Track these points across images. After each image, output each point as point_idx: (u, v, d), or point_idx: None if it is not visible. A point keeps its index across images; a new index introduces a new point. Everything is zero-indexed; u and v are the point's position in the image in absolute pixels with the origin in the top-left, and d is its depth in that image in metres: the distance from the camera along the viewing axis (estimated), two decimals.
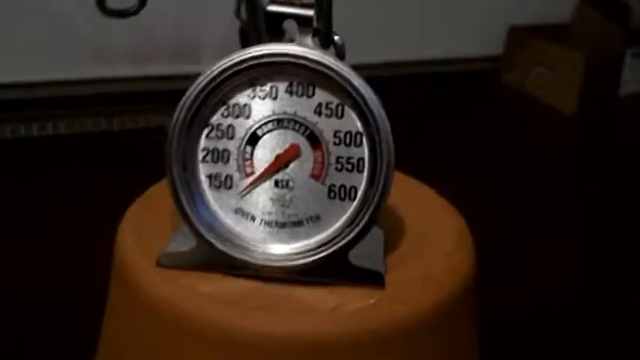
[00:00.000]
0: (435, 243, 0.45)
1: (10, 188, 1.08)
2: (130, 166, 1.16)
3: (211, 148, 0.42)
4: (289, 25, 0.42)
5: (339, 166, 0.41)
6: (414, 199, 0.50)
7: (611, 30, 1.74)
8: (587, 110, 1.64)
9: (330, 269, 0.41)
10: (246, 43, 0.47)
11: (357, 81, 0.40)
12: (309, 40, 0.40)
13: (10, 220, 0.99)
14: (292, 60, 0.40)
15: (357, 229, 0.40)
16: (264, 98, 0.41)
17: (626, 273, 0.99)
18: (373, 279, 0.41)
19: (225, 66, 0.40)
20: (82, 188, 1.09)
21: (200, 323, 0.38)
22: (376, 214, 0.40)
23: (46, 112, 1.36)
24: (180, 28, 1.44)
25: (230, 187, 0.42)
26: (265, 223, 0.42)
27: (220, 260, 0.41)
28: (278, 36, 0.45)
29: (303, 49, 0.40)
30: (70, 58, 1.40)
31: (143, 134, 1.35)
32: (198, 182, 0.42)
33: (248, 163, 0.41)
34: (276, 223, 0.42)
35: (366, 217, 0.40)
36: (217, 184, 0.42)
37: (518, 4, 1.77)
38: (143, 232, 0.45)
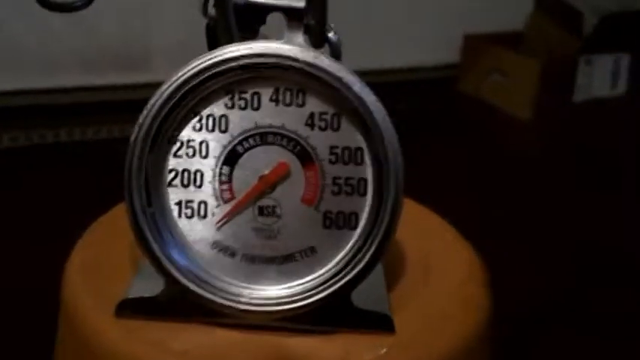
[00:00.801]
0: (443, 273, 0.39)
1: None
2: (81, 181, 1.10)
3: (181, 170, 0.34)
4: (272, 20, 0.35)
5: (337, 189, 0.34)
6: (410, 222, 0.44)
7: (564, 37, 1.76)
8: (542, 116, 1.64)
9: (330, 314, 0.34)
10: (214, 44, 0.40)
11: (357, 86, 0.33)
12: (299, 37, 0.34)
13: None
14: (279, 61, 0.33)
15: (360, 265, 0.33)
16: (244, 108, 0.34)
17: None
18: (381, 323, 0.34)
19: (197, 69, 0.33)
20: (32, 207, 1.02)
21: None
22: (383, 247, 0.34)
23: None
24: (128, 33, 1.35)
25: (204, 217, 0.34)
26: (248, 258, 0.34)
27: (195, 306, 0.33)
28: (251, 34, 0.38)
29: (291, 47, 0.33)
30: (10, 69, 1.31)
31: (92, 146, 1.28)
32: (165, 211, 0.34)
33: (226, 186, 0.34)
34: (262, 258, 0.34)
35: (371, 250, 0.33)
36: (189, 212, 0.34)
37: (473, 13, 1.77)
38: (97, 270, 0.37)
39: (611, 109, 1.75)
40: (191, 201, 0.34)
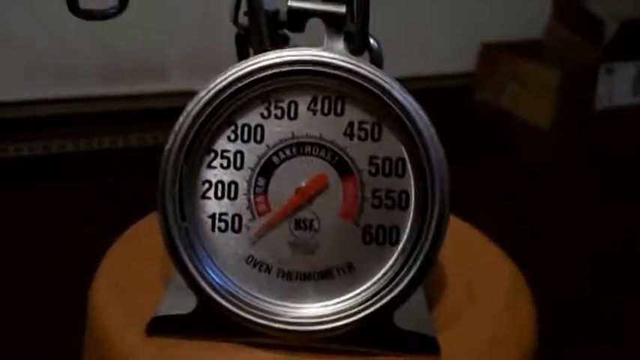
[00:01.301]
0: (487, 294, 0.37)
1: None
2: (102, 194, 1.09)
3: (215, 181, 0.33)
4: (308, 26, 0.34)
5: (377, 202, 0.32)
6: (450, 237, 0.42)
7: (584, 45, 1.73)
8: (562, 125, 1.61)
9: (371, 335, 0.32)
10: (244, 54, 0.38)
11: (399, 93, 0.31)
12: (339, 43, 0.32)
13: None
14: (317, 68, 0.32)
15: (403, 283, 0.32)
16: (280, 117, 0.33)
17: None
18: (426, 345, 0.32)
19: (233, 78, 0.32)
20: (49, 217, 1.01)
21: None
22: (428, 264, 0.32)
23: (8, 134, 1.28)
24: (145, 43, 1.35)
25: (239, 230, 0.33)
26: (284, 274, 0.33)
27: (229, 325, 0.32)
28: (283, 43, 0.37)
29: (331, 54, 0.31)
30: (28, 78, 1.31)
31: (112, 155, 1.27)
32: (198, 224, 0.33)
33: (261, 199, 0.33)
34: (298, 274, 0.33)
35: (415, 268, 0.32)
36: (223, 226, 0.33)
37: (491, 21, 1.75)
38: (126, 286, 0.36)
39: (633, 118, 1.72)
40: (225, 214, 0.33)
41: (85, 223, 0.94)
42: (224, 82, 0.31)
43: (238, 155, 0.33)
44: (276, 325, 0.32)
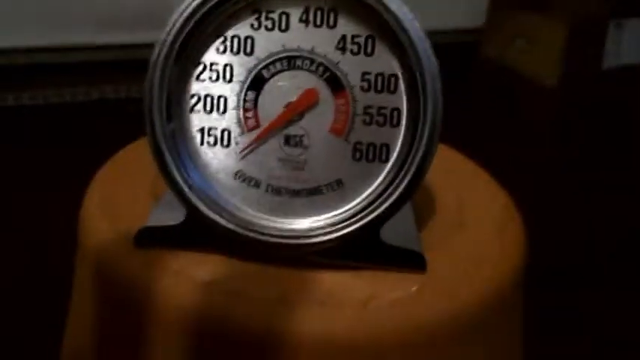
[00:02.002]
0: (478, 218, 0.37)
1: None
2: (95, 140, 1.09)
3: (203, 94, 0.32)
4: None
5: (368, 119, 0.32)
6: (444, 166, 0.41)
7: (593, 1, 1.70)
8: (568, 83, 1.59)
9: (358, 249, 0.32)
10: None
11: (395, 4, 0.31)
12: None
13: None
14: None
15: (390, 200, 0.31)
16: (271, 29, 0.32)
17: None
18: (412, 261, 0.32)
19: None
20: (47, 161, 1.02)
21: (195, 318, 0.29)
22: (417, 181, 0.31)
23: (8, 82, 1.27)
24: None
25: (228, 145, 0.32)
26: (273, 189, 0.32)
27: (217, 237, 0.32)
28: None
29: None
30: (30, 25, 1.29)
31: (107, 105, 1.26)
32: (187, 138, 0.32)
33: (250, 113, 0.32)
34: (287, 190, 0.32)
35: (403, 185, 0.31)
36: (212, 140, 0.32)
37: None
38: (115, 203, 0.36)
39: None
40: (214, 128, 0.32)
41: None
42: None
43: (227, 68, 0.32)
44: (263, 238, 0.31)
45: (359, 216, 0.32)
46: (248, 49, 0.32)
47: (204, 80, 0.32)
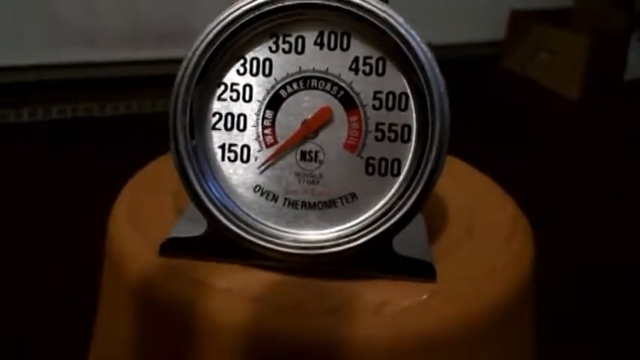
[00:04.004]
0: (488, 228, 0.38)
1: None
2: (126, 152, 1.12)
3: (225, 113, 0.34)
4: None
5: (380, 135, 0.34)
6: (455, 178, 0.43)
7: (615, 13, 1.70)
8: (591, 95, 1.59)
9: (370, 259, 0.34)
10: None
11: (403, 28, 0.32)
12: None
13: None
14: (324, 2, 0.33)
15: (402, 212, 0.33)
16: (288, 52, 0.34)
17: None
18: (422, 270, 0.34)
19: (241, 11, 0.33)
20: (81, 175, 1.05)
21: (216, 325, 0.31)
22: (426, 193, 0.33)
23: (38, 96, 1.31)
24: (171, 9, 1.36)
25: (247, 160, 0.34)
26: (290, 203, 0.34)
27: (236, 248, 0.34)
28: None
29: None
30: (55, 42, 1.34)
31: (136, 120, 1.30)
32: (209, 154, 0.34)
33: (269, 131, 0.34)
34: (303, 203, 0.34)
35: (414, 197, 0.33)
36: (232, 156, 0.34)
37: None
38: (142, 215, 0.38)
39: None
40: (234, 144, 0.34)
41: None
42: (232, 16, 0.33)
43: (247, 88, 0.34)
44: (281, 249, 0.33)
45: (371, 227, 0.33)
46: (266, 71, 0.34)
47: (225, 99, 0.34)
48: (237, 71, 0.34)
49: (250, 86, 0.34)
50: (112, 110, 1.34)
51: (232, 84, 0.34)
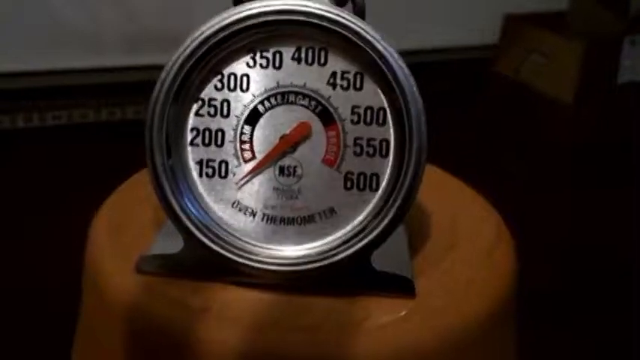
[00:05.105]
0: (470, 240, 0.38)
1: None
2: (121, 159, 1.12)
3: (202, 128, 0.34)
4: None
5: (358, 150, 0.34)
6: (437, 190, 0.43)
7: (608, 17, 1.70)
8: (585, 99, 1.59)
9: (349, 275, 0.33)
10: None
11: (381, 44, 0.32)
12: None
13: None
14: (301, 18, 0.33)
15: (381, 226, 0.33)
16: (266, 67, 0.34)
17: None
18: (401, 286, 0.34)
19: (218, 26, 0.33)
20: (63, 183, 1.04)
21: (193, 345, 0.31)
22: (405, 209, 0.33)
23: (33, 102, 1.31)
24: (169, 14, 1.36)
25: (225, 176, 0.34)
26: (268, 218, 0.34)
27: (214, 265, 0.33)
28: None
29: (314, 4, 0.32)
30: (55, 48, 1.34)
31: (133, 126, 1.30)
32: (186, 170, 0.34)
33: (247, 146, 0.34)
34: (282, 219, 0.34)
35: (392, 212, 0.33)
36: (210, 171, 0.34)
37: None
38: (120, 230, 0.38)
39: None
40: (212, 160, 0.34)
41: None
42: (209, 31, 0.33)
43: (225, 104, 0.34)
44: (259, 265, 0.33)
45: (350, 243, 0.33)
46: (244, 86, 0.34)
47: (202, 115, 0.34)
48: (215, 87, 0.34)
49: (228, 102, 0.34)
50: (108, 115, 1.34)
51: (210, 99, 0.34)
